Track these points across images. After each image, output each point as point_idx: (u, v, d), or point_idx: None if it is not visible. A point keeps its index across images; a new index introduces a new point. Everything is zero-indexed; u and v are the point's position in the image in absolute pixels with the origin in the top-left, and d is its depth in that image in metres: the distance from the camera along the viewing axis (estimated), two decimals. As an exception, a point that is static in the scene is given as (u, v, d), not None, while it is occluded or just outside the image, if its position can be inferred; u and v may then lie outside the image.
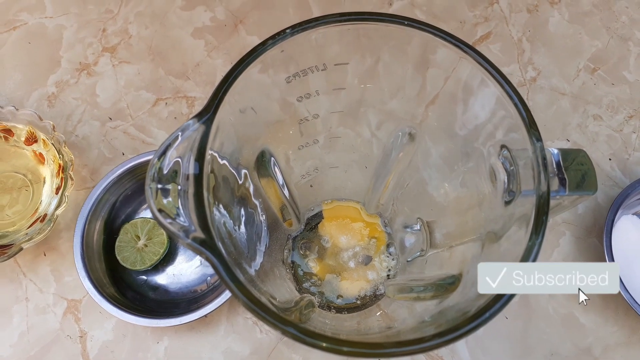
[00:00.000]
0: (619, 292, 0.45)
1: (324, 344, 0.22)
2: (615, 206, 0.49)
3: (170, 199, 0.24)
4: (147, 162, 0.50)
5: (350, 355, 0.22)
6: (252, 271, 0.34)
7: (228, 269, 0.23)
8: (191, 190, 0.25)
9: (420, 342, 0.22)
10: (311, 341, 0.22)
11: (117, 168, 0.49)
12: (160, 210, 0.24)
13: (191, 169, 0.25)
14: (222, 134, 0.28)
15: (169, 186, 0.25)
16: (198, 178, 0.25)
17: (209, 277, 0.50)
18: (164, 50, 0.60)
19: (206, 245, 0.24)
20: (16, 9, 0.62)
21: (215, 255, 0.23)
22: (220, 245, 0.24)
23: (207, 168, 0.26)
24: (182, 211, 0.24)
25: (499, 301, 0.23)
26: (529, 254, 0.25)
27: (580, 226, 0.53)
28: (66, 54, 0.60)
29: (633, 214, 0.52)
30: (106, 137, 0.56)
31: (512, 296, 0.24)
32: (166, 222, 0.24)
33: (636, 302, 0.45)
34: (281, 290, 0.42)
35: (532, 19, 0.63)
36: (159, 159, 0.25)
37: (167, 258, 0.51)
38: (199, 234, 0.24)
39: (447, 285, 0.33)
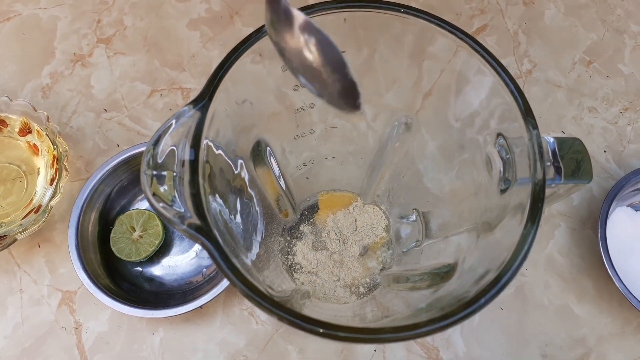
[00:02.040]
0: (614, 283, 0.46)
1: (321, 330, 0.22)
2: (610, 198, 0.49)
3: (165, 185, 0.24)
4: (142, 153, 0.49)
5: (346, 340, 0.22)
6: (248, 261, 0.34)
7: (224, 255, 0.23)
8: (187, 177, 0.25)
9: (416, 328, 0.22)
10: (308, 327, 0.22)
11: (112, 159, 0.49)
12: (155, 196, 0.24)
13: (187, 156, 0.25)
14: (217, 122, 0.28)
15: (165, 173, 0.24)
16: (193, 164, 0.25)
17: (204, 269, 0.50)
18: (159, 41, 0.60)
19: (202, 232, 0.24)
20: (10, 0, 0.61)
21: (211, 242, 0.23)
22: (216, 232, 0.24)
23: (202, 155, 0.26)
24: (177, 198, 0.24)
25: (494, 287, 0.23)
26: (524, 242, 0.25)
27: (575, 218, 0.53)
28: (60, 45, 0.59)
29: (627, 206, 0.52)
30: (101, 128, 0.56)
31: (506, 283, 0.24)
32: (162, 208, 0.24)
33: (630, 293, 0.45)
34: (277, 281, 0.42)
35: (528, 12, 0.63)
36: (154, 146, 0.25)
37: (163, 249, 0.51)
38: (195, 220, 0.24)
39: (443, 273, 0.33)
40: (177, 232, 0.51)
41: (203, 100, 0.26)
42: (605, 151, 0.56)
